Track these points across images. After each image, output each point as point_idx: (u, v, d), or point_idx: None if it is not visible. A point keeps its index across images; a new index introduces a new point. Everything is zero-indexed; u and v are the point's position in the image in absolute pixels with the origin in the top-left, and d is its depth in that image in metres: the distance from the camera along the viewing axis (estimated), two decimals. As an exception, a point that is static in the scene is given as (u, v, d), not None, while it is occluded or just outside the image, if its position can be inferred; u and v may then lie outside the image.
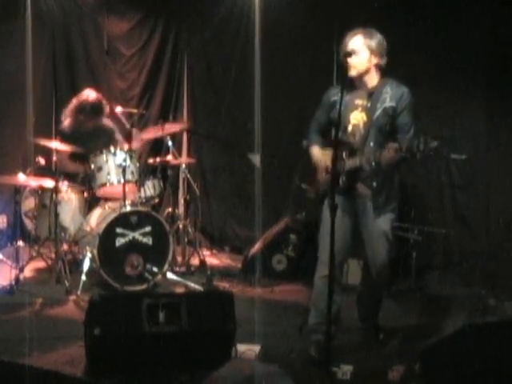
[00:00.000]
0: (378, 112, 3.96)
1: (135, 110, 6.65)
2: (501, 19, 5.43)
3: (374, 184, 3.98)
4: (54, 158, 5.46)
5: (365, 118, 4.00)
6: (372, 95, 4.01)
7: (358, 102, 4.03)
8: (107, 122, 6.22)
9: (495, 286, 5.37)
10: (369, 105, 4.00)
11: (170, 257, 5.36)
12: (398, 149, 3.71)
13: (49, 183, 5.47)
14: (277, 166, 6.62)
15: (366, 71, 3.99)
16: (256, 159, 6.52)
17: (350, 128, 4.04)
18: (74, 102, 6.03)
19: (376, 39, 3.97)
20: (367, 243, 4.11)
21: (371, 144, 3.96)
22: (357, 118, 4.03)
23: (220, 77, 7.07)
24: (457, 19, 5.61)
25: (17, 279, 5.21)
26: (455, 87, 5.74)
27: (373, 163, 3.86)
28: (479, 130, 5.68)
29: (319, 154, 4.15)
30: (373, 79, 4.02)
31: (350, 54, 3.89)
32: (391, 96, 3.96)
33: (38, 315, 4.71)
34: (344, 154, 3.97)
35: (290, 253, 5.86)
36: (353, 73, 3.98)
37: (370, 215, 4.04)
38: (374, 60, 3.97)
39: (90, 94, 6.03)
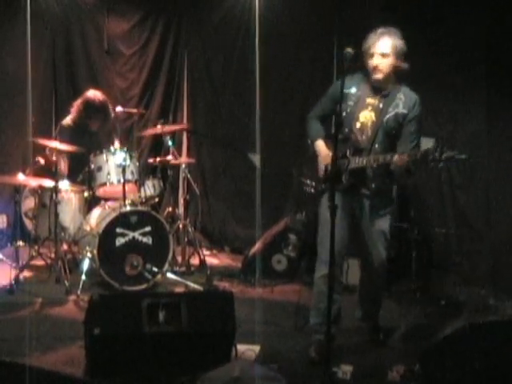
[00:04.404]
0: (389, 116, 3.96)
1: (135, 110, 6.65)
2: (500, 19, 5.43)
3: (373, 185, 3.98)
4: (54, 158, 5.45)
5: (374, 118, 3.99)
6: (385, 97, 3.99)
7: (370, 101, 4.01)
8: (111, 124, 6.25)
9: (495, 286, 5.37)
10: (380, 106, 3.98)
11: (169, 257, 5.36)
12: (413, 155, 3.70)
13: (49, 183, 5.47)
14: (276, 165, 6.62)
15: (391, 72, 3.98)
16: (256, 159, 6.52)
17: (357, 125, 4.02)
18: (80, 100, 6.02)
19: (401, 41, 3.97)
20: (366, 243, 4.11)
21: (376, 146, 3.95)
22: (366, 117, 4.01)
23: (220, 76, 7.07)
24: (456, 19, 5.60)
25: (17, 279, 5.21)
26: (455, 87, 5.74)
27: (374, 165, 3.86)
28: (479, 129, 5.67)
29: (324, 148, 4.10)
30: (390, 81, 4.01)
31: (351, 56, 3.84)
32: (404, 102, 3.97)
33: (38, 315, 4.70)
34: (348, 152, 3.96)
35: (290, 253, 5.85)
36: (379, 76, 3.96)
37: (368, 214, 4.05)
38: (397, 63, 3.96)
39: (96, 94, 6.02)
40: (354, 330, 4.39)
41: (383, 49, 3.93)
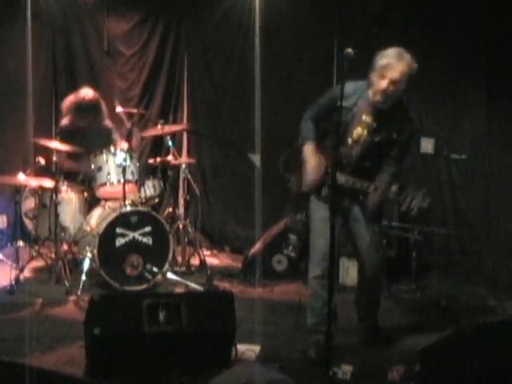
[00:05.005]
0: (381, 137, 3.92)
1: (135, 110, 6.64)
2: (500, 19, 5.43)
3: (361, 197, 3.97)
4: (54, 158, 5.45)
5: (365, 135, 3.95)
6: (381, 117, 3.93)
7: (365, 118, 3.95)
8: (106, 122, 6.22)
9: (495, 286, 5.38)
10: (374, 125, 3.93)
11: (170, 257, 5.36)
12: (385, 193, 3.71)
13: (49, 183, 5.47)
14: (276, 165, 6.60)
15: (393, 97, 3.90)
16: (256, 159, 6.51)
17: (349, 141, 3.97)
18: (71, 99, 6.03)
19: (414, 71, 3.84)
20: (361, 245, 4.12)
21: (366, 163, 3.94)
22: (358, 134, 3.96)
23: (220, 77, 7.07)
24: (456, 19, 5.61)
25: (17, 279, 5.21)
26: (455, 87, 5.74)
27: (352, 186, 3.85)
28: (479, 129, 5.68)
29: (311, 154, 4.05)
30: (390, 101, 3.93)
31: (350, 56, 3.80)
32: (398, 124, 3.93)
33: (38, 315, 4.70)
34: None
35: (290, 253, 5.85)
36: (381, 100, 3.86)
37: (359, 217, 4.05)
38: (404, 88, 3.87)
39: (87, 93, 6.03)
40: (353, 330, 4.38)
41: (396, 76, 3.79)
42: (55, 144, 5.48)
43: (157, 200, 6.00)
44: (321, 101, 4.13)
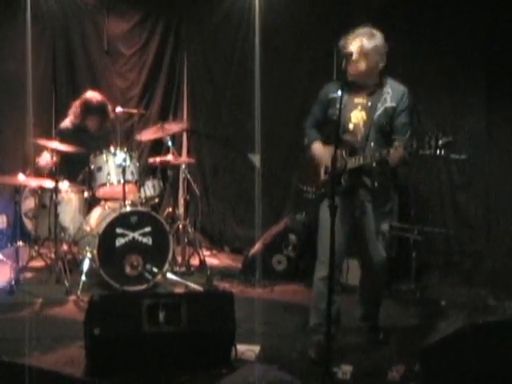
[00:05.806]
0: (379, 112, 3.97)
1: (135, 110, 6.64)
2: (500, 19, 5.43)
3: (376, 184, 3.98)
4: (54, 158, 5.45)
5: (365, 117, 4.00)
6: (372, 94, 4.01)
7: (358, 100, 4.03)
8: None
9: (495, 286, 5.37)
10: (369, 104, 4.00)
11: (169, 257, 5.36)
12: (408, 145, 3.71)
13: (49, 183, 5.47)
14: (276, 165, 6.62)
15: (367, 73, 3.98)
16: (256, 159, 6.52)
17: (351, 127, 4.03)
18: (78, 101, 6.02)
19: (376, 40, 3.95)
20: (367, 243, 4.11)
21: (372, 144, 3.96)
22: (357, 117, 4.02)
23: (220, 77, 7.07)
24: (456, 19, 5.61)
25: (17, 279, 5.21)
26: (455, 87, 5.74)
27: (374, 163, 3.87)
28: (479, 129, 5.67)
29: (321, 151, 4.13)
30: (373, 79, 4.03)
31: (349, 56, 3.87)
32: (392, 96, 3.98)
33: (38, 315, 4.70)
34: (344, 153, 3.97)
35: (290, 253, 5.85)
36: (354, 77, 3.98)
37: (370, 216, 4.04)
38: (374, 62, 3.96)
39: (94, 95, 6.03)
40: (353, 330, 4.38)
41: (357, 50, 3.90)
42: (55, 144, 5.48)
43: (157, 200, 6.00)
44: (313, 108, 4.25)
